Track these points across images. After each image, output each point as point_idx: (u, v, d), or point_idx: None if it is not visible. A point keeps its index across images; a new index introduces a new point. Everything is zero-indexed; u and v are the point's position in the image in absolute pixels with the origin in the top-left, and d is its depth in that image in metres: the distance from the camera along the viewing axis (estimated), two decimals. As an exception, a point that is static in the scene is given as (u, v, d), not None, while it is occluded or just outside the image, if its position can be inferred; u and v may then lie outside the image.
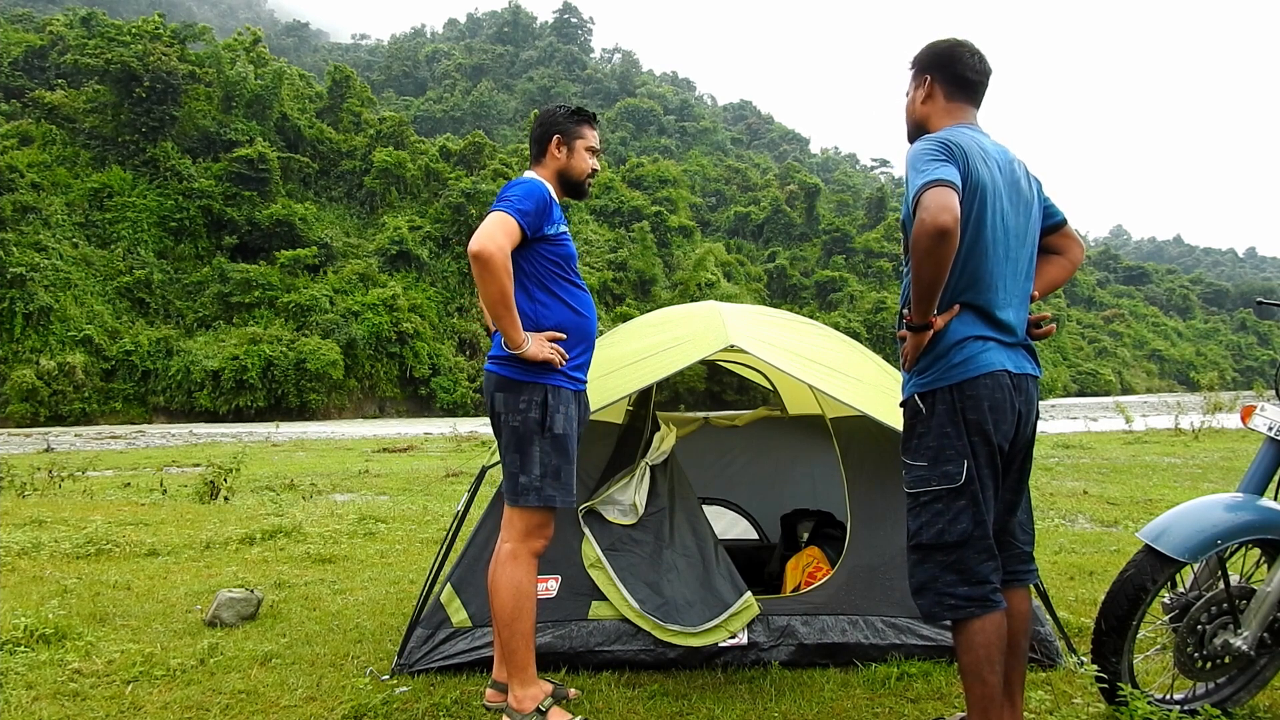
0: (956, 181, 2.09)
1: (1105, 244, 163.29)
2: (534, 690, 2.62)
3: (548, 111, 2.87)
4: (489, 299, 2.51)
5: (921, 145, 2.22)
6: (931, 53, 2.43)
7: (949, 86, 2.39)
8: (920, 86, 2.43)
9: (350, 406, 46.23)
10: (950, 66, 2.39)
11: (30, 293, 38.95)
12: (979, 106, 2.43)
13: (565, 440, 2.64)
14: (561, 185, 2.82)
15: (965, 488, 2.21)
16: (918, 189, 2.09)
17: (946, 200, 2.03)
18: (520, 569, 2.62)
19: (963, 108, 2.40)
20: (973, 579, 2.22)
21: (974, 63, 2.39)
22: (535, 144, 2.84)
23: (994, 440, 2.23)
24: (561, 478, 2.63)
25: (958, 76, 2.39)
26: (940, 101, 2.40)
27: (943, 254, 2.05)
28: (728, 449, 5.00)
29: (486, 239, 2.47)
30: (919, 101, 2.44)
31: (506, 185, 2.70)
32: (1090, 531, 6.26)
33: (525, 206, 2.57)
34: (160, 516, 7.25)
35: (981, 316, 2.26)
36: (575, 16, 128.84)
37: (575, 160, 2.83)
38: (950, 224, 2.02)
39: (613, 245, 64.30)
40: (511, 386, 2.62)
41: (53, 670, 3.19)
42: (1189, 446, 13.70)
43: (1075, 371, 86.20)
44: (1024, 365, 2.32)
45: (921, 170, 2.12)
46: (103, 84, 48.25)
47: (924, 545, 2.26)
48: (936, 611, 2.27)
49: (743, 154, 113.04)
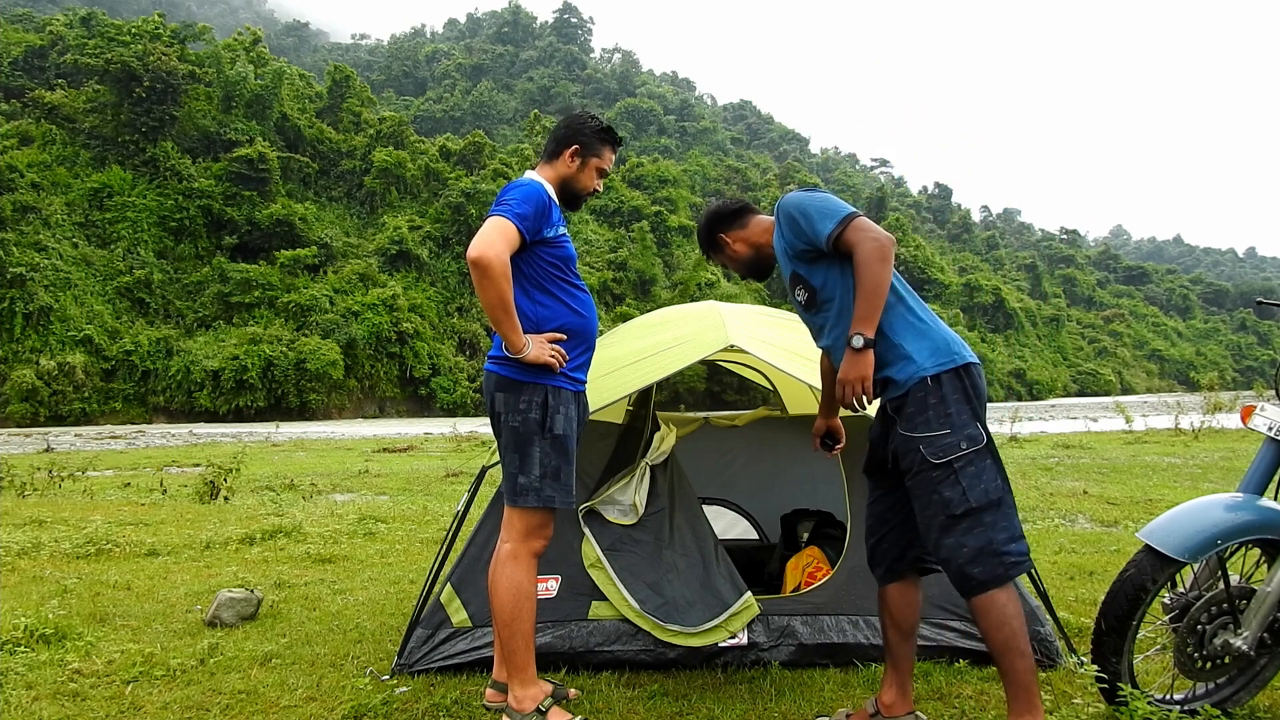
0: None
1: (1105, 244, 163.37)
2: (534, 690, 2.62)
3: (578, 118, 2.85)
4: (488, 304, 2.51)
5: (795, 194, 2.54)
6: (705, 230, 2.84)
7: (736, 223, 2.78)
8: (725, 248, 2.81)
9: (350, 406, 46.26)
10: (722, 219, 2.80)
11: (30, 293, 38.98)
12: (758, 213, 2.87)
13: (565, 441, 2.63)
14: (560, 192, 2.81)
15: (988, 447, 2.31)
16: (849, 214, 2.40)
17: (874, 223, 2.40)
18: (520, 569, 2.62)
19: (756, 218, 2.79)
20: (1017, 533, 2.29)
21: (728, 202, 2.87)
22: (553, 143, 2.83)
23: (983, 418, 2.39)
24: (561, 478, 2.62)
25: (731, 215, 2.80)
26: (743, 234, 2.77)
27: (892, 263, 2.35)
28: (728, 449, 5.00)
29: (485, 245, 2.46)
30: (737, 253, 2.79)
31: (505, 187, 2.69)
32: (1090, 531, 6.26)
33: (524, 210, 2.57)
34: (160, 516, 7.26)
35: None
36: (575, 16, 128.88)
37: (583, 175, 2.82)
38: (892, 237, 2.39)
39: (613, 245, 64.32)
40: (512, 387, 2.62)
41: (53, 670, 3.19)
42: (1189, 446, 13.70)
43: (1075, 371, 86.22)
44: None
45: (835, 206, 2.44)
46: (103, 84, 48.28)
47: (973, 509, 2.23)
48: (999, 573, 2.22)
49: (743, 154, 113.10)
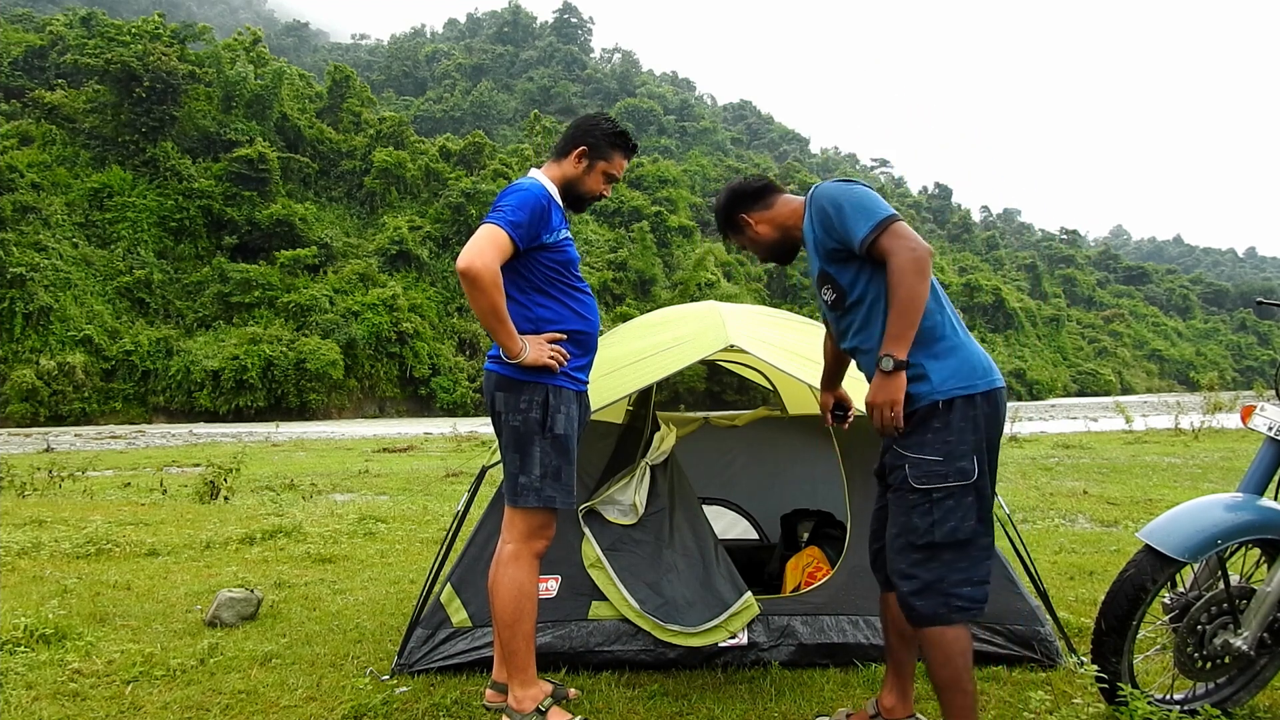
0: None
1: (1105, 244, 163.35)
2: (534, 690, 2.61)
3: (591, 119, 2.79)
4: (480, 313, 2.48)
5: (832, 185, 2.38)
6: (724, 209, 2.65)
7: (759, 203, 2.60)
8: (746, 229, 2.62)
9: (350, 406, 46.25)
10: (743, 198, 2.62)
11: (30, 293, 38.96)
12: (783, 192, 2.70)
13: (566, 441, 2.62)
14: (564, 193, 2.75)
15: (976, 484, 2.21)
16: (887, 217, 2.22)
17: (914, 230, 2.23)
18: (522, 570, 2.61)
19: (780, 197, 2.61)
20: (976, 579, 2.21)
21: (749, 179, 2.66)
22: (563, 141, 2.78)
23: (995, 444, 2.30)
24: (562, 478, 2.61)
25: (754, 193, 2.61)
26: (766, 214, 2.59)
27: (930, 277, 2.20)
28: (728, 449, 5.00)
29: (474, 256, 2.42)
30: (758, 235, 2.61)
31: (504, 190, 2.64)
32: (1090, 531, 6.26)
33: (518, 218, 2.52)
34: (160, 516, 7.25)
35: (953, 320, 2.36)
36: (575, 16, 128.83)
37: (589, 179, 2.76)
38: (931, 249, 2.21)
39: (613, 245, 64.30)
40: (512, 386, 2.60)
41: (53, 670, 3.19)
42: (1189, 446, 13.70)
43: (1075, 371, 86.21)
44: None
45: (873, 206, 2.26)
46: (103, 84, 48.25)
47: (935, 544, 2.19)
48: (941, 614, 2.19)
49: (743, 154, 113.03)
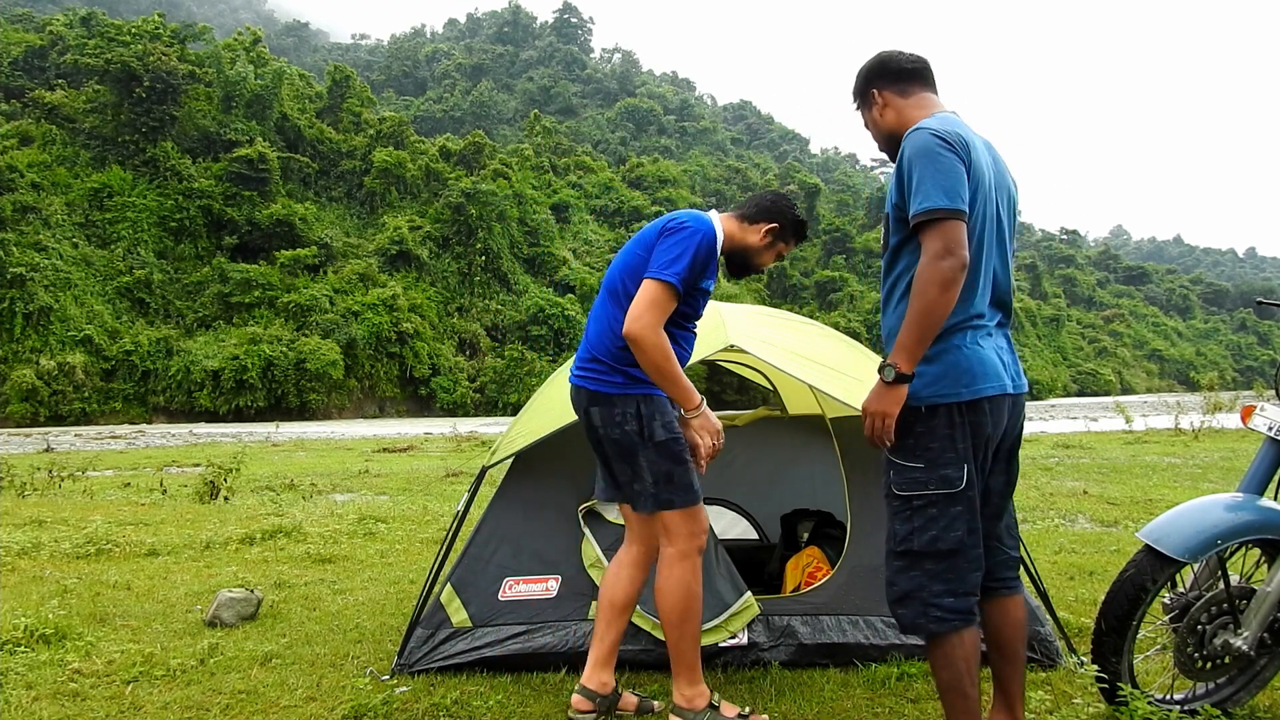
0: (966, 209, 2.06)
1: (1105, 244, 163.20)
2: (702, 688, 2.65)
3: (788, 202, 2.81)
4: (647, 372, 2.53)
5: (927, 140, 2.09)
6: (863, 74, 2.41)
7: (897, 85, 2.34)
8: (873, 106, 2.38)
9: (350, 406, 46.25)
10: (885, 71, 2.36)
11: (30, 293, 38.96)
12: (936, 92, 2.37)
13: (670, 445, 2.62)
14: (733, 254, 2.80)
15: (964, 493, 2.12)
16: (945, 210, 2.01)
17: (964, 236, 2.02)
18: (688, 570, 2.62)
19: (922, 95, 2.34)
20: (961, 590, 2.13)
21: (904, 56, 2.36)
22: (754, 208, 2.79)
23: (990, 446, 2.21)
24: (675, 479, 2.62)
25: (898, 72, 2.35)
26: (898, 101, 2.34)
27: (956, 292, 2.01)
28: (727, 449, 4.94)
29: (646, 327, 2.45)
30: (880, 117, 2.37)
31: (681, 220, 2.62)
32: (1090, 531, 6.26)
33: (689, 274, 2.54)
34: (160, 516, 7.25)
35: (974, 318, 2.18)
36: (575, 16, 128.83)
37: (765, 253, 2.81)
38: (967, 262, 2.02)
39: (613, 245, 64.28)
40: (605, 400, 2.62)
41: (53, 670, 3.19)
42: (1189, 446, 13.69)
43: (1075, 371, 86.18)
44: (1020, 383, 2.27)
45: (942, 187, 2.03)
46: (103, 84, 48.24)
47: (914, 552, 2.13)
48: (920, 624, 2.14)
49: (743, 154, 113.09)
